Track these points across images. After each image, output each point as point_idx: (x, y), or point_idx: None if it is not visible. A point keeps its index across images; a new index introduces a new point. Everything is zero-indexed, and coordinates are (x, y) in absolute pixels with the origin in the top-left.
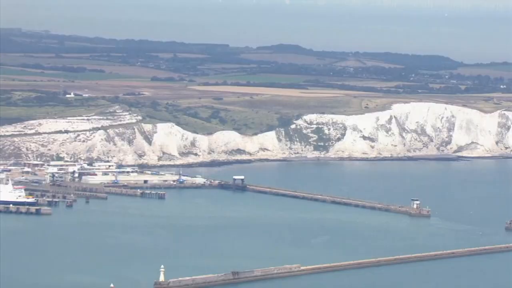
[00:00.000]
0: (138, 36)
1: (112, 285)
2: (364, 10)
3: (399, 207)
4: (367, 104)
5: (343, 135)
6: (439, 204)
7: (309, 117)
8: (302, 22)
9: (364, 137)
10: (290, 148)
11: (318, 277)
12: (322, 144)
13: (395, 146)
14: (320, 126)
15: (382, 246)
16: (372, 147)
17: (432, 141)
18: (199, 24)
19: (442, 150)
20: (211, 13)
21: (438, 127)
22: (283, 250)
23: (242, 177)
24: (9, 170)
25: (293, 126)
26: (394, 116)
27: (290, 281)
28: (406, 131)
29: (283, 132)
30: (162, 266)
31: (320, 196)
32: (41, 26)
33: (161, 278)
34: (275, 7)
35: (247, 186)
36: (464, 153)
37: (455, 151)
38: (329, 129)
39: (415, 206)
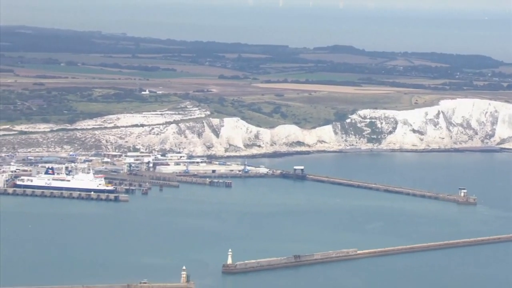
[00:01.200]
0: (206, 38)
1: (184, 267)
2: (410, 13)
3: (447, 195)
4: (416, 100)
5: (394, 128)
6: (484, 193)
7: (363, 112)
8: (354, 24)
9: (413, 131)
10: (346, 141)
11: (374, 261)
12: (375, 136)
13: (443, 138)
14: (373, 120)
15: (432, 232)
16: (421, 139)
17: (476, 134)
18: (261, 27)
19: (486, 143)
20: (272, 17)
21: (482, 121)
22: (340, 235)
23: (302, 167)
24: (90, 160)
25: (348, 120)
26: (442, 111)
27: (348, 264)
28: (452, 125)
29: (339, 125)
30: (229, 250)
31: (373, 185)
32: (119, 29)
33: (229, 261)
34: (329, 11)
35: (307, 176)
36: (506, 145)
37: (498, 143)
38: (381, 123)
39: (462, 194)
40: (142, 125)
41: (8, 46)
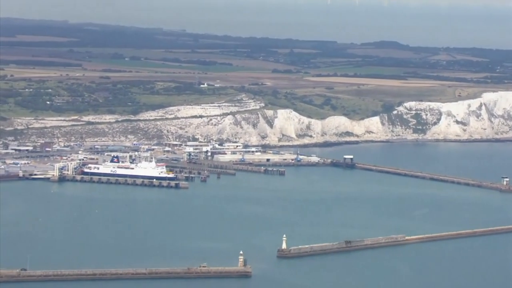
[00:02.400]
0: (260, 34)
1: (241, 252)
2: (450, 10)
3: (490, 183)
4: (459, 93)
5: (438, 119)
6: None
7: (409, 104)
8: (398, 21)
9: (457, 122)
10: (392, 131)
11: (421, 246)
12: (420, 127)
13: (485, 129)
14: (418, 112)
15: (477, 218)
16: (464, 130)
17: None
18: (311, 23)
19: None
20: (321, 14)
21: None
22: (388, 221)
23: (351, 156)
24: (153, 150)
25: (395, 112)
26: (484, 103)
27: (397, 249)
28: (494, 116)
29: (386, 117)
30: (284, 235)
31: (419, 173)
32: (179, 26)
33: (283, 246)
34: (375, 9)
35: (356, 164)
36: None
37: None
38: (426, 115)
39: (504, 182)
40: (201, 116)
41: (77, 42)
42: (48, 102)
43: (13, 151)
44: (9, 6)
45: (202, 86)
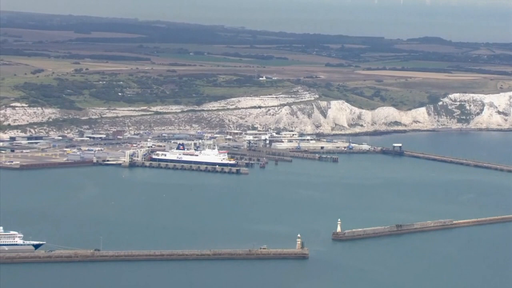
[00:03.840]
0: (313, 31)
1: (299, 235)
2: (487, 9)
3: None
4: (501, 85)
5: (481, 110)
6: None
7: (453, 95)
8: (441, 19)
9: (499, 112)
10: (438, 121)
11: (468, 230)
12: (464, 117)
13: None
14: (462, 103)
15: None
16: (506, 120)
17: None
18: (360, 21)
19: None
20: (369, 11)
21: None
22: (436, 206)
23: (400, 144)
24: (215, 138)
25: (440, 103)
26: None
27: (445, 233)
28: None
29: (432, 107)
30: (338, 219)
31: (464, 161)
32: (239, 23)
33: (338, 229)
34: (418, 7)
35: (404, 152)
36: None
37: None
38: (469, 106)
39: None
40: (260, 107)
41: (146, 38)
42: (119, 94)
43: (88, 138)
44: (85, 5)
45: (261, 79)
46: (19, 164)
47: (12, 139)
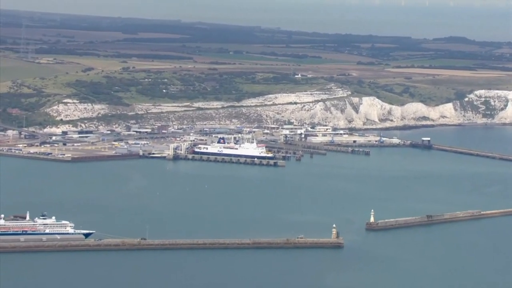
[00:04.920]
0: (344, 31)
1: (334, 225)
2: (508, 9)
3: None
4: None
5: (505, 106)
6: None
7: (479, 92)
8: (464, 19)
9: None
10: (464, 116)
11: (496, 220)
12: (488, 112)
13: None
14: (487, 99)
15: None
16: None
17: None
18: (388, 21)
19: None
20: (396, 13)
21: None
22: (464, 197)
23: (428, 138)
24: (254, 132)
25: (466, 99)
26: None
27: (473, 223)
28: None
29: (458, 103)
30: (372, 210)
31: (490, 154)
32: (274, 24)
33: (371, 219)
34: (443, 9)
35: (433, 146)
36: None
37: None
38: (494, 101)
39: None
40: (296, 103)
41: (189, 38)
42: (164, 90)
43: (135, 133)
44: (132, 8)
45: (296, 76)
46: (71, 156)
47: (64, 133)
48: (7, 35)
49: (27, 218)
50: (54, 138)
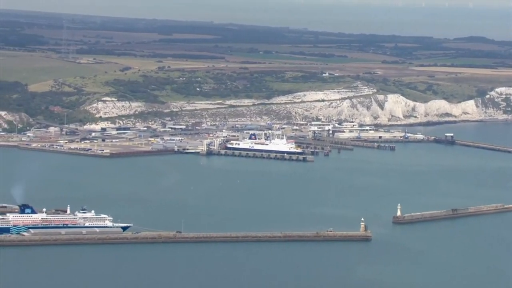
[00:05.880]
0: (369, 31)
1: (362, 218)
2: None
3: None
4: None
5: None
6: None
7: (500, 89)
8: (483, 20)
9: None
10: (485, 112)
11: None
12: (509, 109)
13: None
14: (508, 96)
15: None
16: None
17: None
18: (410, 22)
19: None
20: (417, 13)
21: None
22: (487, 191)
23: (452, 134)
24: (283, 128)
25: (487, 96)
26: None
27: (497, 216)
28: None
29: (480, 100)
30: (398, 204)
31: (511, 149)
32: (302, 25)
33: (398, 213)
34: (462, 10)
35: (456, 141)
36: None
37: None
38: None
39: None
40: (323, 100)
41: (221, 38)
42: (197, 89)
43: (170, 129)
44: (167, 10)
45: (324, 75)
46: (109, 152)
47: (103, 130)
48: (50, 37)
49: (68, 211)
50: (93, 134)
